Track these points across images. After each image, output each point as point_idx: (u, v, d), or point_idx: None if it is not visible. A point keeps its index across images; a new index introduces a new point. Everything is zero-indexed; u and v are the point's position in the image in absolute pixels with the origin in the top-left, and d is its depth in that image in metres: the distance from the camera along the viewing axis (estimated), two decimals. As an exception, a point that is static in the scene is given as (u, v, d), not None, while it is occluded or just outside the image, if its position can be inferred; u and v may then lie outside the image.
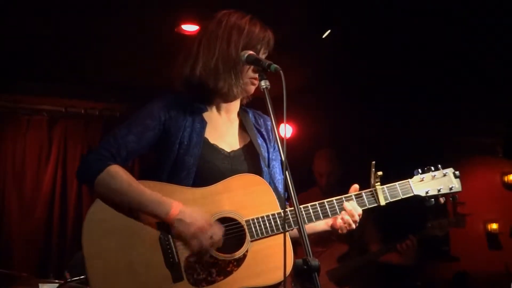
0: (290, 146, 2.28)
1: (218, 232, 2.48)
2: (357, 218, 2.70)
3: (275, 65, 2.39)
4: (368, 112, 6.87)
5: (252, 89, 2.76)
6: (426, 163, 2.91)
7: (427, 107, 6.71)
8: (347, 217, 2.70)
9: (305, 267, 2.08)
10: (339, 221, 2.72)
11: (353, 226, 2.71)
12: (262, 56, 2.72)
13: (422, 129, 7.04)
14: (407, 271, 5.93)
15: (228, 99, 2.80)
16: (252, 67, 2.66)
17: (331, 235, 3.23)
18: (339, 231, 2.74)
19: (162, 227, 2.50)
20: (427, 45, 5.56)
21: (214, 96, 2.79)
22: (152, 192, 2.50)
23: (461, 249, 7.00)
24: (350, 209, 2.69)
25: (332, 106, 6.92)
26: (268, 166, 2.82)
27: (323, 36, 5.30)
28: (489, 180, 7.65)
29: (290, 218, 2.59)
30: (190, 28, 5.28)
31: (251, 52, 2.62)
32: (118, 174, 2.53)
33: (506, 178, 7.79)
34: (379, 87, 6.44)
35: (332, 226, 2.78)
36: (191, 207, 2.49)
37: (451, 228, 5.37)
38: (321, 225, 2.79)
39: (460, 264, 7.01)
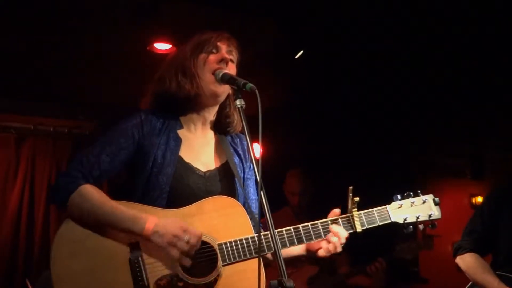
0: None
1: (194, 235, 2.39)
2: (343, 241, 2.62)
3: (251, 84, 2.36)
4: (338, 133, 6.91)
5: (217, 87, 2.66)
6: (395, 185, 2.90)
7: (396, 129, 6.78)
8: (334, 239, 2.61)
9: (280, 288, 2.04)
10: (323, 244, 2.63)
11: (339, 249, 2.62)
12: (229, 54, 2.70)
13: (391, 151, 7.09)
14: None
15: (201, 104, 2.73)
16: (210, 66, 2.65)
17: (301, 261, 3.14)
18: (319, 254, 2.65)
19: (133, 248, 2.42)
20: (399, 68, 5.63)
21: (186, 106, 2.75)
22: (126, 209, 2.44)
23: (430, 270, 7.01)
24: (337, 231, 2.61)
25: (302, 127, 6.94)
26: (243, 186, 2.77)
27: (296, 57, 5.33)
28: (457, 202, 7.64)
29: (264, 244, 2.51)
30: (162, 46, 5.26)
31: (225, 71, 2.59)
32: (90, 193, 2.48)
33: (474, 200, 7.81)
34: (350, 108, 6.49)
35: (309, 250, 2.70)
36: (166, 219, 2.42)
37: (420, 251, 5.39)
38: (297, 250, 2.71)
39: (429, 286, 7.03)
